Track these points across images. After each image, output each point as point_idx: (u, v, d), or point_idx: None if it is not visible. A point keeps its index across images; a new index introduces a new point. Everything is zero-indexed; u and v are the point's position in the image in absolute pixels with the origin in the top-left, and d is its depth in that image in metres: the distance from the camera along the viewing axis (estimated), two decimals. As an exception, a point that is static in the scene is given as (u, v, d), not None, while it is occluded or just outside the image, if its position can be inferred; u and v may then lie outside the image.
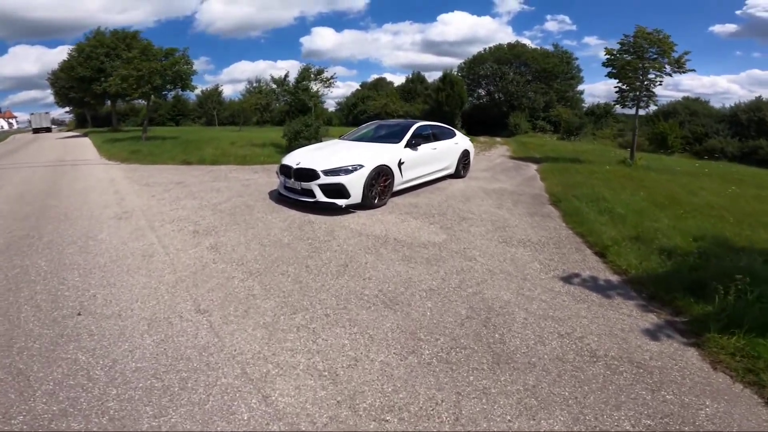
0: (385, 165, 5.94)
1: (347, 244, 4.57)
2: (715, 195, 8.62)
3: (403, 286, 3.61)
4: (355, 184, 5.52)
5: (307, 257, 4.19)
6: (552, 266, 4.19)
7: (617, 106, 13.35)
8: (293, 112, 41.45)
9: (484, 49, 39.05)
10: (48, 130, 39.81)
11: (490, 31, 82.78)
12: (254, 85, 41.08)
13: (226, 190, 7.08)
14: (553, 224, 5.78)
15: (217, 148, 14.13)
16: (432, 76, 49.53)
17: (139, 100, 18.70)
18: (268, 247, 4.44)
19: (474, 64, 38.20)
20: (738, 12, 71.70)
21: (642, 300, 3.56)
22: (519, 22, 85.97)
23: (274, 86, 15.71)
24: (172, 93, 17.87)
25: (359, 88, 47.80)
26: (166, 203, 6.13)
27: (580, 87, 38.09)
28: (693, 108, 28.96)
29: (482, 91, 39.73)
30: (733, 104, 29.01)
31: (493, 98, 38.53)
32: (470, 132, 37.69)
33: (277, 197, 6.25)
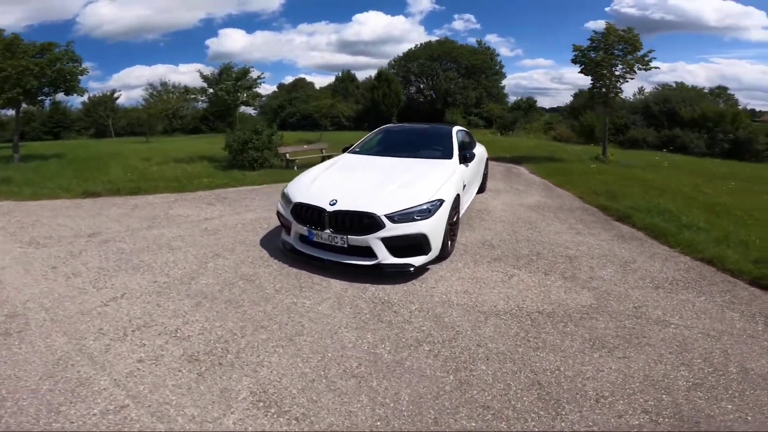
0: (458, 194, 4.01)
1: (489, 340, 2.63)
2: (725, 195, 8.43)
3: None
4: (437, 231, 3.50)
5: (455, 388, 2.17)
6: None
7: (538, 99, 13.41)
8: (211, 119, 36.54)
9: (415, 46, 38.61)
10: None
11: (403, 30, 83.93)
12: (158, 89, 35.22)
13: (184, 244, 4.44)
14: (663, 252, 4.66)
15: (128, 167, 10.68)
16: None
17: (5, 110, 13.71)
18: (369, 379, 2.24)
19: (405, 61, 37.39)
20: (607, 9, 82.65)
21: None
22: (430, 21, 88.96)
23: (205, 85, 12.40)
24: (52, 98, 13.37)
25: (276, 90, 44.71)
26: (87, 286, 3.30)
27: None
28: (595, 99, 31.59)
29: (413, 89, 39.23)
30: (631, 97, 32.50)
31: (425, 95, 38.25)
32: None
33: (291, 252, 3.83)
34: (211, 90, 12.25)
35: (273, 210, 5.92)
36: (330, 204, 3.42)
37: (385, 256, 3.32)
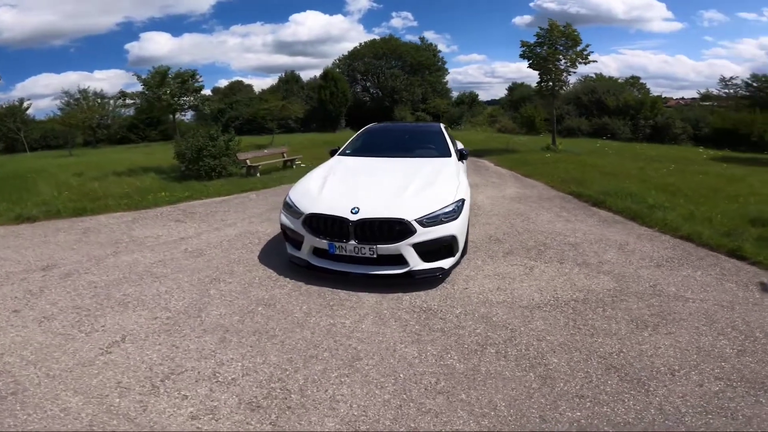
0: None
1: (545, 333, 2.61)
2: (669, 176, 9.33)
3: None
4: (463, 231, 3.43)
5: (542, 384, 2.14)
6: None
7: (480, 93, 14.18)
8: (141, 127, 33.39)
9: (360, 45, 38.28)
10: None
11: (342, 29, 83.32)
12: (75, 97, 31.47)
13: (170, 270, 3.88)
14: (646, 232, 5.06)
15: (60, 185, 9.42)
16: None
17: None
18: (456, 392, 2.11)
19: (350, 59, 37.03)
20: (531, 4, 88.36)
21: None
22: (369, 20, 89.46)
23: (144, 89, 11.25)
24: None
25: (210, 93, 42.16)
26: (72, 331, 2.67)
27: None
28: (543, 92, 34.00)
29: (359, 88, 39.04)
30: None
31: (371, 94, 38.24)
32: (358, 128, 36.62)
33: (307, 268, 3.48)
34: (148, 93, 11.16)
35: (256, 223, 5.49)
36: (352, 213, 3.16)
37: (416, 263, 3.16)
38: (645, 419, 1.92)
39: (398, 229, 3.13)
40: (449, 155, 4.64)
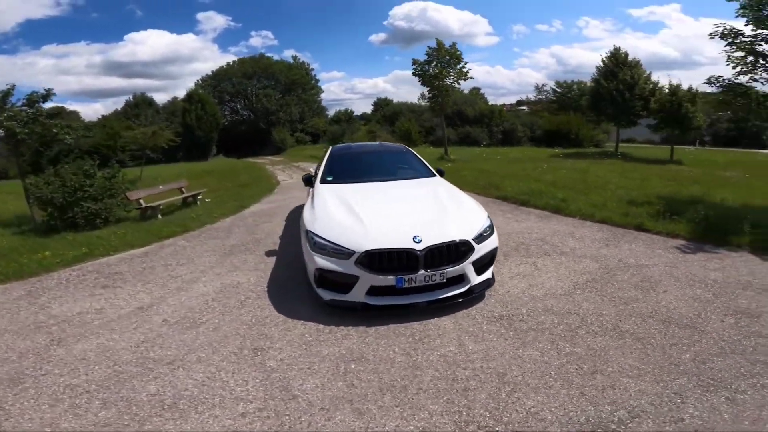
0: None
1: (613, 313, 3.02)
2: (548, 174, 11.51)
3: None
4: None
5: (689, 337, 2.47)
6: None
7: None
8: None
9: (227, 64, 35.59)
10: None
11: (193, 49, 76.59)
12: None
13: (179, 352, 2.97)
14: (575, 221, 6.24)
15: None
16: (120, 102, 40.15)
17: None
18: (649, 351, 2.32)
19: (216, 80, 34.15)
20: (385, 22, 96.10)
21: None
22: (225, 39, 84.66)
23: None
24: None
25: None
26: None
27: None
28: (410, 107, 37.47)
29: (228, 110, 36.41)
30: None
31: (243, 116, 36.10)
32: (231, 154, 33.86)
33: (364, 310, 3.24)
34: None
35: (224, 274, 4.67)
36: (415, 242, 3.10)
37: (474, 278, 3.32)
38: (702, 343, 2.75)
39: (464, 249, 3.24)
40: (433, 174, 4.91)
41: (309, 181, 4.94)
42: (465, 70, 14.49)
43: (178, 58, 77.48)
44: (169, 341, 3.26)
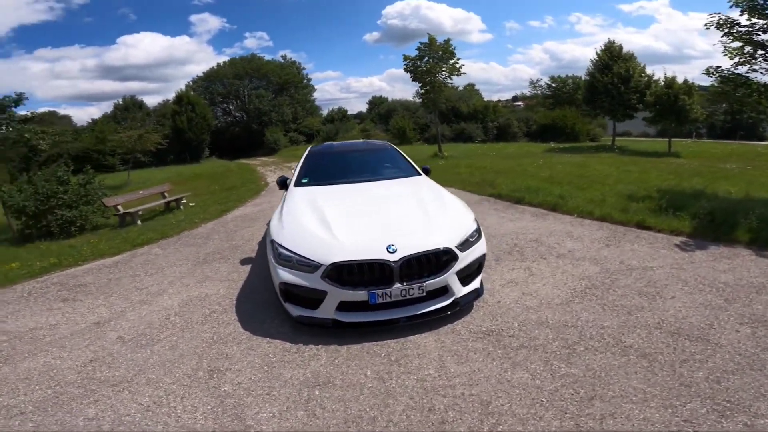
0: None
1: (611, 319, 2.66)
2: (543, 170, 11.19)
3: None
4: None
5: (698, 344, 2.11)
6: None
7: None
8: None
9: (218, 65, 35.06)
10: None
11: (188, 51, 76.10)
12: None
13: (127, 373, 2.62)
14: (573, 219, 5.88)
15: None
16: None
17: None
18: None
19: (207, 81, 33.67)
20: (378, 21, 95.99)
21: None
22: (220, 41, 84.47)
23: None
24: None
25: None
26: None
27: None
28: (404, 105, 37.08)
29: (220, 111, 35.93)
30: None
31: (235, 117, 35.65)
32: (226, 156, 33.37)
33: (335, 328, 2.89)
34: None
35: (193, 285, 4.31)
36: (389, 252, 2.74)
37: (459, 290, 2.95)
38: (716, 358, 2.42)
39: (445, 259, 2.87)
40: (418, 173, 4.56)
41: (284, 183, 4.58)
42: (458, 65, 14.11)
43: (173, 61, 77.03)
44: (119, 360, 2.92)
